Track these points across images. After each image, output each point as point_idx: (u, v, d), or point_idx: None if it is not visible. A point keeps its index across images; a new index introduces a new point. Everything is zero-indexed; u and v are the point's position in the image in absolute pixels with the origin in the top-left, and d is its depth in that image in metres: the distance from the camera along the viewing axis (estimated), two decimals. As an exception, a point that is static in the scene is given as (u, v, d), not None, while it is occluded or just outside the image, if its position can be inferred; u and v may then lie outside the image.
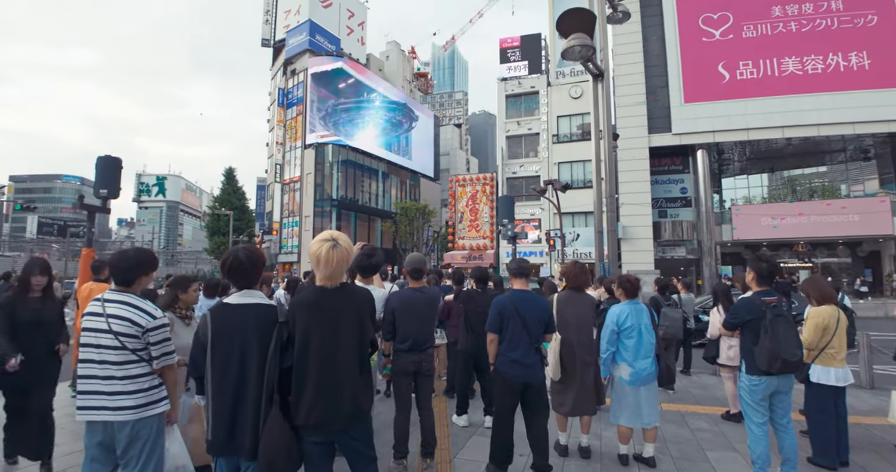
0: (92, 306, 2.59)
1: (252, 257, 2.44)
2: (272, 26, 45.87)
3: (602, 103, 7.72)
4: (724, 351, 5.57)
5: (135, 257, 2.71)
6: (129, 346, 2.51)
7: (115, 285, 2.69)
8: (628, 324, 4.01)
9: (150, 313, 2.58)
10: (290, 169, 40.70)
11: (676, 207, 27.95)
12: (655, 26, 26.13)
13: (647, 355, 3.98)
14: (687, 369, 8.07)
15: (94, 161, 8.56)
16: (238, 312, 2.33)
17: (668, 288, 7.55)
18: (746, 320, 3.58)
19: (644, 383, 3.98)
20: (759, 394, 3.53)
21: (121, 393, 2.49)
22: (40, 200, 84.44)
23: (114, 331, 2.48)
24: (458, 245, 35.85)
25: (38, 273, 3.75)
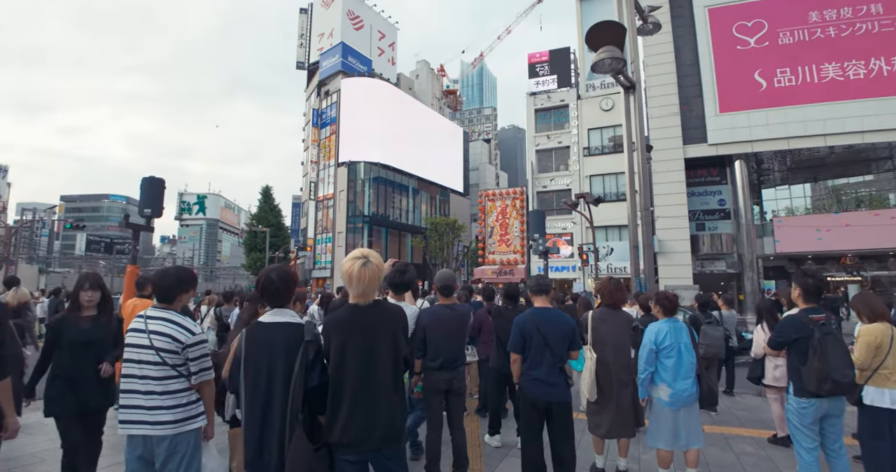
0: (135, 322, 2.69)
1: (284, 278, 2.49)
2: (306, 49, 47.47)
3: (634, 115, 7.61)
4: (770, 371, 5.30)
5: (176, 276, 2.81)
6: (170, 361, 2.58)
7: (157, 302, 2.79)
8: (667, 343, 3.87)
9: (190, 330, 2.66)
10: (323, 186, 41.63)
11: (715, 219, 27.09)
12: (687, 36, 25.73)
13: (688, 375, 3.83)
14: (730, 390, 7.71)
15: (139, 181, 8.99)
16: (268, 330, 2.37)
17: (709, 304, 7.28)
18: (793, 338, 3.41)
19: (684, 404, 3.82)
20: (809, 417, 3.34)
21: (160, 408, 2.55)
22: (89, 219, 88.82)
23: (155, 347, 2.56)
24: (489, 260, 35.68)
25: (88, 288, 3.52)
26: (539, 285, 3.76)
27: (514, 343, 3.63)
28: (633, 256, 7.80)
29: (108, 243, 51.99)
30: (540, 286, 3.76)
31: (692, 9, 25.72)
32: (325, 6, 45.53)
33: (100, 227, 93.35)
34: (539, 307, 3.71)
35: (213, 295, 9.42)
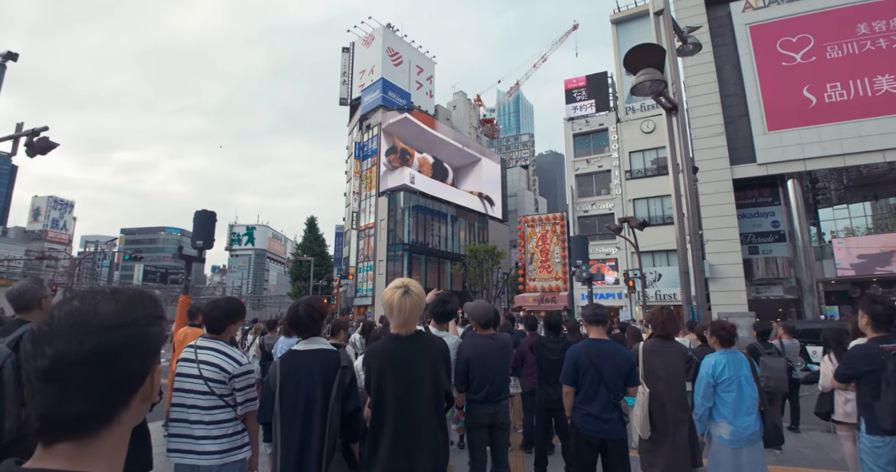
0: (186, 352, 2.76)
1: (309, 312, 2.57)
2: (349, 86, 49.47)
3: (678, 137, 7.42)
4: (840, 406, 4.85)
5: (225, 307, 2.89)
6: (217, 391, 2.63)
7: (206, 332, 2.86)
8: (726, 376, 3.62)
9: (237, 360, 2.71)
10: (365, 216, 42.55)
11: (768, 242, 25.74)
12: (729, 55, 25.23)
13: (750, 410, 3.56)
14: (795, 426, 7.13)
15: (193, 214, 9.43)
16: (304, 358, 2.41)
17: (769, 333, 6.83)
18: (863, 371, 3.12)
19: (747, 442, 3.54)
20: (885, 457, 3.02)
21: (206, 438, 2.59)
22: (146, 251, 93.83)
23: (204, 376, 2.62)
24: (530, 287, 35.09)
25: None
26: (595, 314, 3.63)
27: (566, 375, 3.50)
28: (683, 282, 7.46)
29: (163, 273, 54.69)
30: (596, 316, 3.62)
31: (733, 27, 25.30)
32: (366, 45, 47.58)
33: (156, 258, 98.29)
34: (594, 339, 3.57)
35: (260, 324, 9.63)
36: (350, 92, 49.19)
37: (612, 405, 3.36)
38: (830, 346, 5.06)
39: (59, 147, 9.14)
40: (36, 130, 8.69)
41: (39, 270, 47.30)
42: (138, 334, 0.74)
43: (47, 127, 8.67)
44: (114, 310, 0.73)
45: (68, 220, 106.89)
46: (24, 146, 8.70)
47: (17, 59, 8.76)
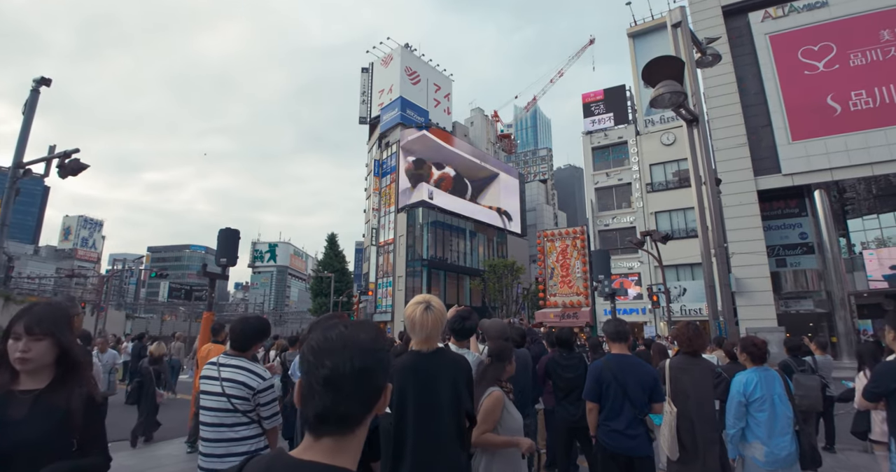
0: (207, 370, 2.76)
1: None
2: (368, 105, 50.35)
3: (700, 148, 7.31)
4: (878, 424, 4.61)
5: (255, 326, 2.91)
6: (241, 408, 2.62)
7: (230, 349, 2.87)
8: (758, 394, 3.48)
9: (261, 375, 2.71)
10: (384, 232, 42.84)
11: (796, 254, 25.02)
12: (750, 65, 24.95)
13: (785, 431, 3.40)
14: (830, 446, 6.81)
15: (217, 232, 9.61)
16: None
17: (801, 349, 6.58)
18: (892, 388, 2.97)
19: (783, 465, 3.38)
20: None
21: (231, 455, 2.58)
22: (171, 268, 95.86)
23: (227, 394, 2.62)
24: (550, 302, 34.65)
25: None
26: (617, 331, 3.55)
27: (589, 391, 3.42)
28: (709, 296, 7.27)
29: (187, 290, 55.64)
30: (618, 333, 3.54)
31: (752, 37, 25.08)
32: (385, 64, 48.50)
33: (181, 275, 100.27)
34: (616, 354, 3.49)
35: (281, 340, 9.67)
36: (369, 111, 50.02)
37: (637, 421, 3.26)
38: (865, 362, 4.86)
39: (89, 168, 9.46)
40: (67, 152, 9.02)
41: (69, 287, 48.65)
42: (384, 358, 0.96)
43: (78, 149, 9.00)
44: (369, 338, 0.96)
45: (97, 238, 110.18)
46: (56, 168, 9.03)
47: (50, 84, 9.15)
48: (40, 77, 9.04)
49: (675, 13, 8.55)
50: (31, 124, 9.37)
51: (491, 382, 2.77)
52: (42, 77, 9.07)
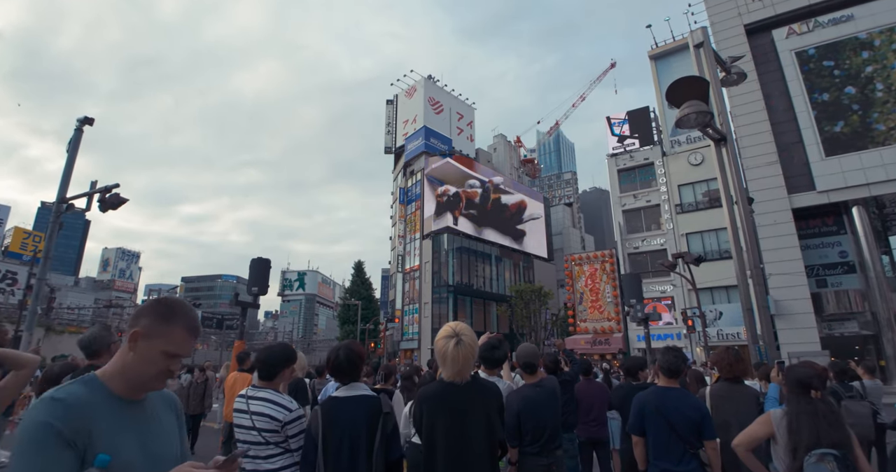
0: (238, 402, 2.78)
1: (350, 356, 2.56)
2: (393, 135, 51.49)
3: (730, 167, 7.16)
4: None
5: (279, 353, 2.92)
6: (272, 440, 2.62)
7: (257, 380, 2.87)
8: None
9: (287, 407, 2.69)
10: (410, 259, 43.01)
11: (837, 274, 23.90)
12: (776, 82, 24.58)
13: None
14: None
15: (249, 262, 9.81)
16: (346, 404, 2.36)
17: (847, 374, 6.20)
18: None
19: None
20: None
21: None
22: (204, 298, 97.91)
23: (257, 428, 2.62)
24: (581, 328, 33.83)
25: None
26: (671, 368, 3.28)
27: (633, 425, 3.25)
28: (747, 320, 6.97)
29: (219, 319, 56.63)
30: (672, 370, 3.28)
31: (777, 54, 24.80)
32: (409, 96, 49.76)
33: (213, 304, 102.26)
34: (662, 386, 3.30)
35: (309, 368, 9.67)
36: (394, 141, 51.08)
37: (689, 456, 3.03)
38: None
39: (128, 202, 9.86)
40: (108, 187, 9.44)
41: (107, 317, 50.14)
42: None
43: (118, 184, 9.41)
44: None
45: (134, 270, 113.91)
46: (98, 202, 9.44)
47: (93, 123, 9.68)
48: (84, 117, 9.57)
49: (696, 34, 8.53)
50: (74, 161, 9.87)
51: None
52: (85, 117, 9.60)
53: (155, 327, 1.35)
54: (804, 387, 2.74)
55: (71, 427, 1.18)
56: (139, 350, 1.34)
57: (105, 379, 1.33)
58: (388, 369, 5.13)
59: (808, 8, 24.37)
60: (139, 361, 1.34)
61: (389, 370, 5.08)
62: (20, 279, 38.63)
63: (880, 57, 22.86)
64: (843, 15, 23.77)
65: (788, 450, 2.69)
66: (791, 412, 2.75)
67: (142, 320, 1.36)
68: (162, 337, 1.35)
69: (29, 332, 9.62)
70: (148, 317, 1.37)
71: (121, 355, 1.36)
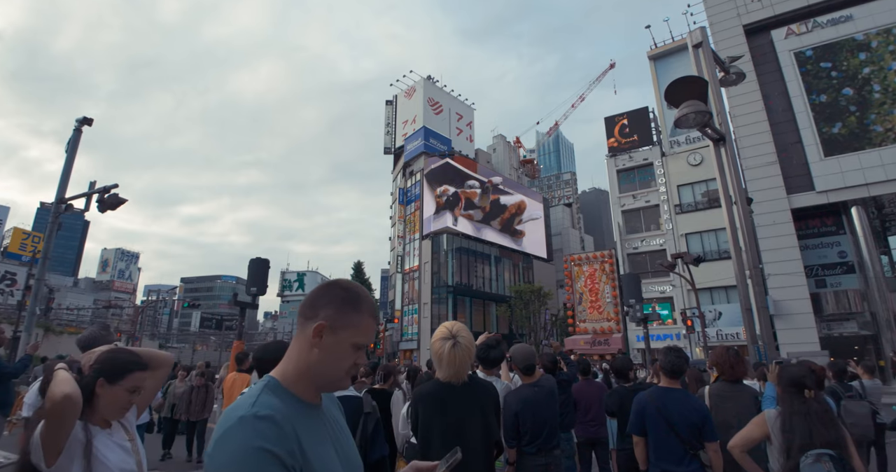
0: None
1: None
2: (392, 136, 51.49)
3: (729, 168, 7.16)
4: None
5: (274, 350, 2.91)
6: None
7: (256, 379, 2.86)
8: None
9: None
10: (409, 259, 42.98)
11: (836, 274, 23.92)
12: (775, 82, 24.59)
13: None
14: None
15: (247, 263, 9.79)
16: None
17: (846, 374, 6.21)
18: None
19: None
20: None
21: None
22: (203, 298, 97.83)
23: None
24: (580, 329, 33.84)
25: None
26: (673, 369, 3.28)
27: (633, 425, 3.24)
28: (746, 320, 6.97)
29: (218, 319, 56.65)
30: (674, 371, 3.27)
31: (776, 55, 24.82)
32: (408, 96, 49.76)
33: (212, 305, 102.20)
34: (663, 387, 3.29)
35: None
36: (394, 141, 51.08)
37: (689, 457, 3.02)
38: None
39: (128, 203, 9.85)
40: (107, 188, 9.43)
41: (106, 318, 50.08)
42: None
43: (117, 184, 9.40)
44: None
45: (133, 270, 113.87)
46: (96, 203, 9.43)
47: (91, 124, 9.67)
48: (83, 117, 9.56)
49: (695, 34, 8.53)
50: (73, 162, 9.86)
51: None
52: (84, 117, 9.59)
53: (342, 317, 1.17)
54: (797, 387, 2.74)
55: (286, 450, 1.00)
56: (326, 346, 1.15)
57: (287, 384, 1.15)
58: (387, 369, 5.12)
59: (807, 8, 24.39)
60: (328, 357, 1.16)
61: (388, 371, 5.07)
62: (19, 280, 38.58)
63: (877, 58, 22.89)
64: (842, 15, 23.80)
65: (782, 450, 2.69)
66: (784, 412, 2.75)
67: (324, 310, 1.17)
68: (351, 327, 1.17)
69: (28, 332, 9.60)
70: (332, 306, 1.17)
71: (301, 355, 1.17)
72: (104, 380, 1.77)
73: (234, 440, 0.99)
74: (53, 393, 1.61)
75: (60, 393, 1.60)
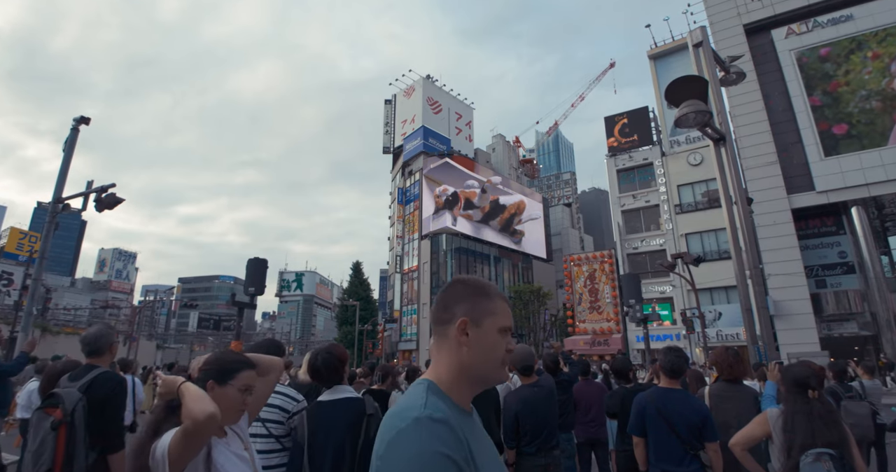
0: None
1: (328, 361, 2.57)
2: (391, 135, 51.45)
3: (729, 168, 7.12)
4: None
5: (266, 346, 2.92)
6: (275, 432, 2.60)
7: None
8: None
9: (294, 397, 2.72)
10: (408, 259, 42.94)
11: (836, 274, 23.90)
12: (775, 82, 24.58)
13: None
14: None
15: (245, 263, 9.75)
16: (328, 408, 2.36)
17: (846, 374, 6.18)
18: None
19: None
20: None
21: None
22: (201, 299, 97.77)
23: (261, 418, 2.60)
24: (580, 329, 33.80)
25: None
26: (673, 368, 3.24)
27: (634, 425, 3.21)
28: (747, 320, 6.94)
29: (216, 320, 56.62)
30: (674, 370, 3.24)
31: (776, 54, 24.81)
32: (407, 95, 49.72)
33: (210, 305, 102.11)
34: (663, 387, 3.26)
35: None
36: (392, 141, 51.05)
37: (690, 457, 2.99)
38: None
39: (125, 202, 9.79)
40: (104, 187, 9.38)
41: (103, 318, 49.99)
42: None
43: (114, 184, 9.35)
44: None
45: (131, 270, 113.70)
46: (94, 202, 9.38)
47: (89, 123, 9.62)
48: (80, 116, 9.51)
49: (696, 33, 8.50)
50: (70, 161, 9.81)
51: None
52: (81, 116, 9.54)
53: (479, 307, 1.14)
54: (801, 387, 2.72)
55: (462, 457, 0.95)
56: (474, 340, 1.12)
57: (444, 388, 1.09)
58: (386, 369, 5.08)
59: (808, 8, 24.38)
60: (480, 351, 1.12)
61: (387, 371, 5.03)
62: (16, 280, 38.52)
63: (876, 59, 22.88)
64: (843, 15, 23.79)
65: (783, 449, 2.68)
66: (787, 411, 2.75)
67: (458, 307, 1.14)
68: (490, 314, 1.14)
69: (25, 332, 9.54)
70: (464, 301, 1.15)
71: (451, 358, 1.13)
72: (214, 382, 1.68)
73: (411, 442, 0.94)
74: (194, 412, 1.48)
75: (204, 413, 1.48)
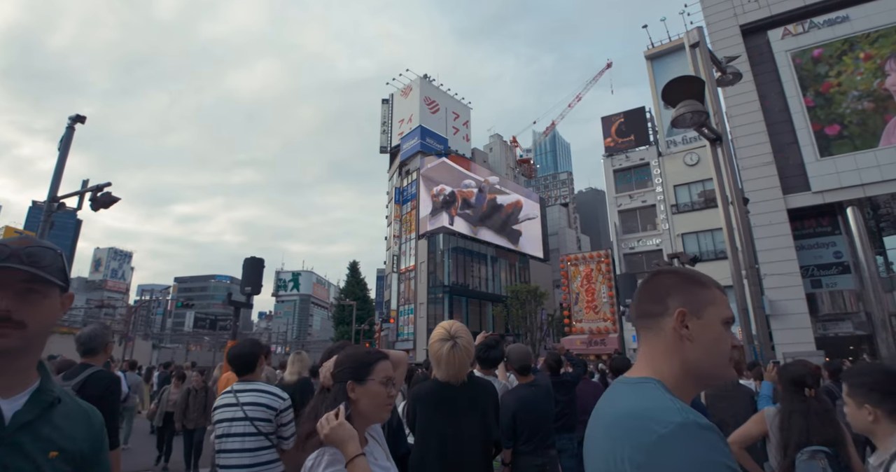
0: (224, 398, 2.75)
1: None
2: (388, 135, 51.43)
3: (725, 168, 7.16)
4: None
5: (246, 344, 2.97)
6: (263, 430, 2.62)
7: (239, 377, 2.87)
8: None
9: (280, 396, 2.74)
10: (405, 259, 42.94)
11: (832, 274, 24.00)
12: (772, 82, 24.66)
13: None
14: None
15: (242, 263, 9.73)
16: None
17: (841, 373, 6.21)
18: None
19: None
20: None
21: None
22: (197, 298, 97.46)
23: (249, 417, 2.62)
24: (576, 329, 33.86)
25: None
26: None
27: None
28: (742, 320, 6.97)
29: (212, 319, 56.43)
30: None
31: (773, 55, 24.90)
32: (405, 95, 49.70)
33: (206, 305, 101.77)
34: None
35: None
36: (390, 140, 51.02)
37: None
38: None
39: (121, 202, 9.75)
40: (100, 186, 9.34)
41: (98, 318, 49.79)
42: None
43: (110, 183, 9.32)
44: None
45: (126, 270, 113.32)
46: (89, 201, 9.34)
47: (84, 121, 9.57)
48: (75, 115, 9.47)
49: (692, 34, 8.54)
50: (65, 160, 9.76)
51: None
52: (77, 115, 9.49)
53: (696, 297, 1.03)
54: (798, 385, 2.75)
55: (733, 469, 0.86)
56: (696, 333, 1.01)
57: (670, 387, 0.99)
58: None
59: (804, 9, 24.47)
60: (705, 345, 1.01)
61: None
62: (12, 279, 38.18)
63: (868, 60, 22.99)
64: (839, 16, 23.89)
65: (779, 447, 2.71)
66: (784, 409, 2.78)
67: (672, 299, 1.03)
68: (710, 304, 1.03)
69: (19, 332, 9.46)
70: (678, 291, 1.04)
71: (670, 355, 1.03)
72: (353, 382, 1.58)
73: (686, 450, 0.84)
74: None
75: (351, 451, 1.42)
